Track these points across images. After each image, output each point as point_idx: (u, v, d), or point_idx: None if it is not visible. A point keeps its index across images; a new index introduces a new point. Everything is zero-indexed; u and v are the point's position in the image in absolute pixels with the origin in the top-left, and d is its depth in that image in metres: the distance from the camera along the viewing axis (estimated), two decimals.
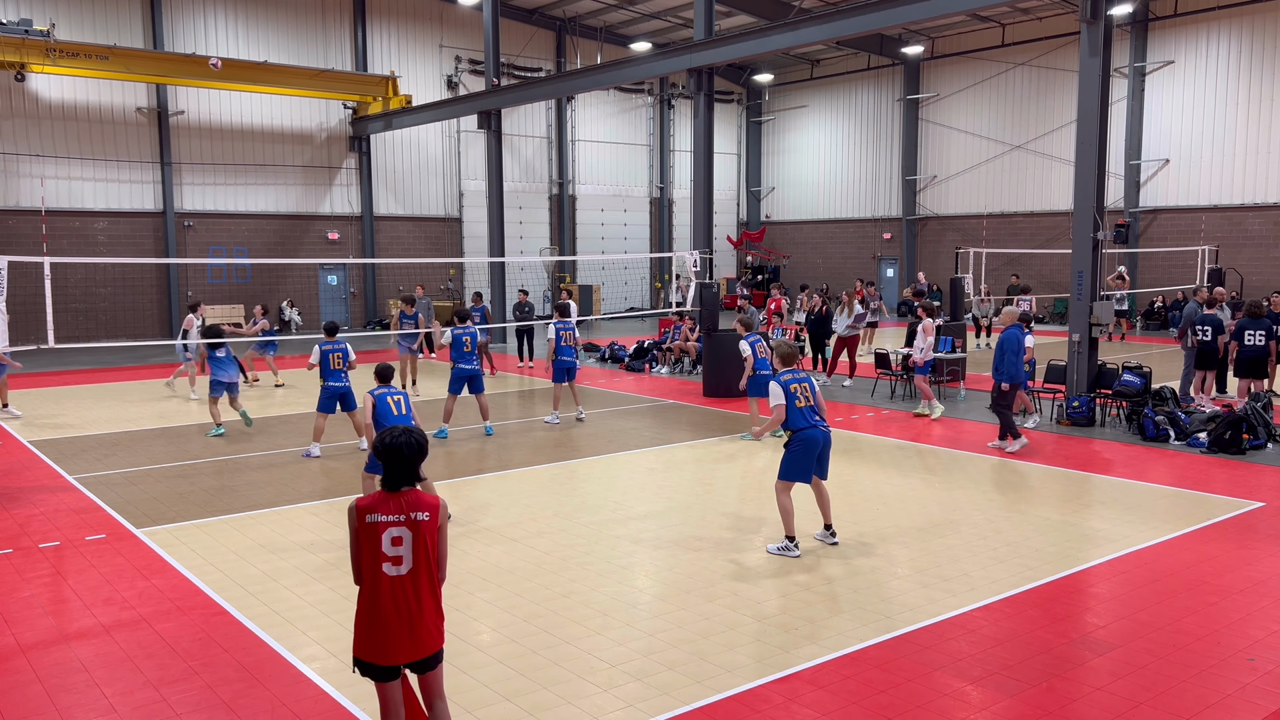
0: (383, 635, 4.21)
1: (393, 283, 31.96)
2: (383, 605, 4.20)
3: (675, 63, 21.37)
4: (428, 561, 4.25)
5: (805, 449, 7.97)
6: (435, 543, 4.29)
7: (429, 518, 4.25)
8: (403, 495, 4.25)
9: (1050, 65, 32.13)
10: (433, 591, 4.29)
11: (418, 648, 4.25)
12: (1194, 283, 26.40)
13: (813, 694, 5.52)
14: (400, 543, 4.20)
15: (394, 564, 4.20)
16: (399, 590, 4.20)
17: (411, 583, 4.22)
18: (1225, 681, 5.67)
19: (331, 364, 11.91)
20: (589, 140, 36.72)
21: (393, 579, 4.20)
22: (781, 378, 8.08)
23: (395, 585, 4.20)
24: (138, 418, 14.83)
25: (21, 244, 24.61)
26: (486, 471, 11.22)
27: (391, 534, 4.19)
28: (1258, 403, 12.78)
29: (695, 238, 20.74)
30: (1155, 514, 9.21)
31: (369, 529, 4.20)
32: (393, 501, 4.23)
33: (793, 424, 7.97)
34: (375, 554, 4.20)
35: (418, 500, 4.26)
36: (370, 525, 4.20)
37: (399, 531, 4.19)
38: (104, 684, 5.71)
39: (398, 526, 4.20)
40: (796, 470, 8.01)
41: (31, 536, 8.69)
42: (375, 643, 4.22)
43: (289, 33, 29.31)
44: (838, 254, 39.29)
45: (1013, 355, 11.87)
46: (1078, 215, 14.57)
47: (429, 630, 4.27)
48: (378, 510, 4.21)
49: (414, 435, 4.29)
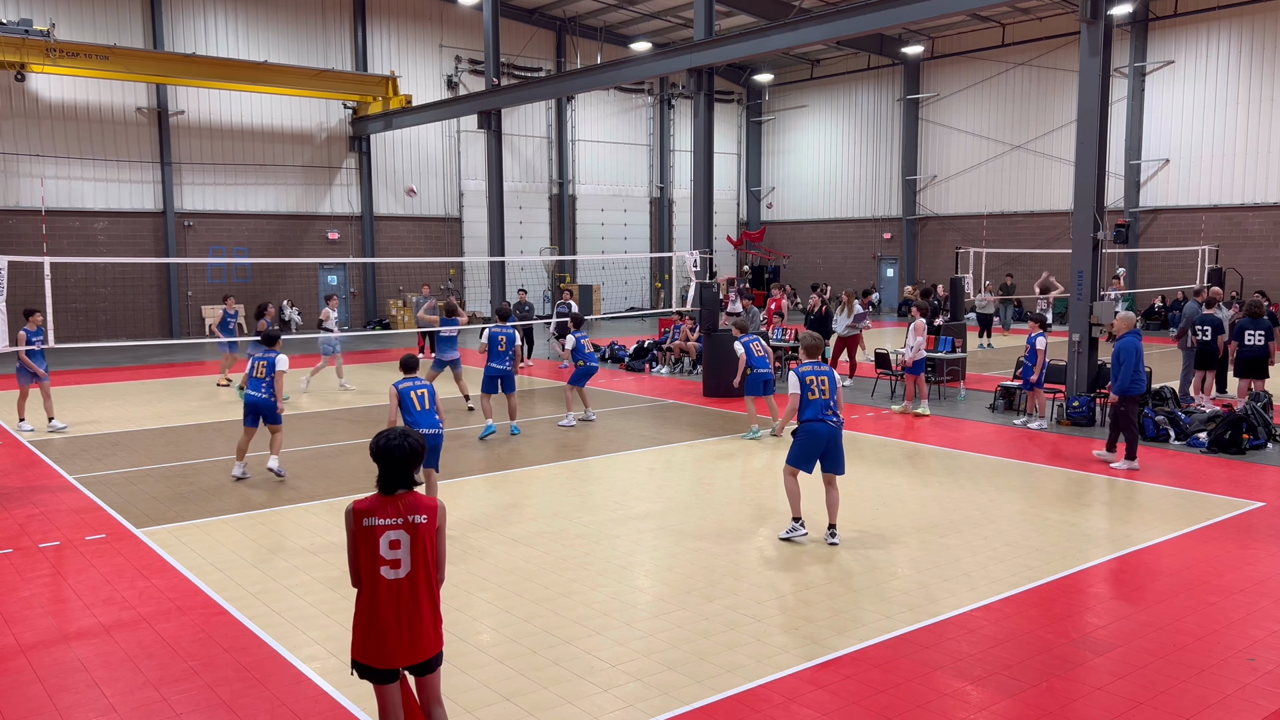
0: (381, 638, 4.18)
1: (392, 283, 31.98)
2: (381, 609, 4.17)
3: (675, 63, 21.37)
4: (426, 564, 4.22)
5: (811, 440, 8.25)
6: (434, 545, 4.26)
7: (427, 520, 4.21)
8: (400, 498, 4.21)
9: (1050, 65, 32.13)
10: (431, 595, 4.26)
11: (416, 651, 4.22)
12: (1194, 283, 26.39)
13: (813, 694, 5.52)
14: (398, 546, 4.16)
15: (392, 567, 4.17)
16: (397, 594, 4.17)
17: (410, 586, 4.19)
18: (1225, 681, 5.67)
19: (255, 372, 10.60)
20: (589, 140, 36.71)
21: (391, 582, 4.17)
22: (801, 369, 8.32)
23: (393, 589, 4.17)
24: (138, 418, 14.82)
25: (21, 244, 24.61)
26: (486, 471, 11.22)
27: (389, 537, 4.15)
28: (1258, 403, 12.79)
29: (695, 238, 20.74)
30: (1155, 514, 9.21)
31: (366, 532, 4.17)
32: (390, 505, 4.19)
33: (802, 415, 8.25)
34: (373, 557, 4.17)
35: (416, 503, 4.22)
36: (368, 529, 4.16)
37: (397, 535, 4.16)
38: (104, 684, 5.71)
39: (395, 530, 4.16)
40: (801, 458, 8.31)
41: (31, 536, 8.69)
42: (374, 646, 4.19)
43: (289, 33, 29.30)
44: (838, 254, 39.29)
45: (1130, 365, 10.98)
46: (1078, 215, 14.57)
47: (428, 633, 4.24)
48: (375, 513, 4.17)
49: (410, 438, 4.23)
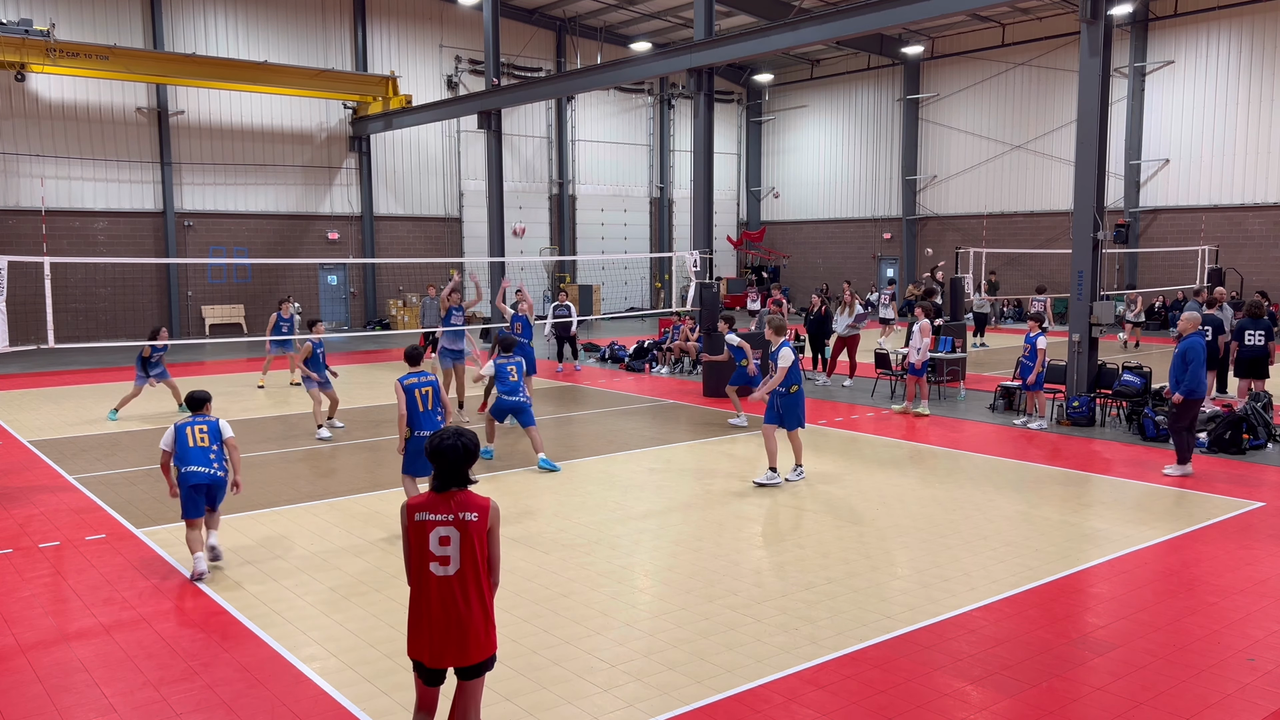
0: (429, 636, 4.19)
1: (392, 283, 31.98)
2: (430, 606, 4.18)
3: (675, 63, 21.38)
4: (476, 563, 4.22)
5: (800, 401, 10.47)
6: (484, 544, 4.25)
7: (478, 519, 4.22)
8: (453, 495, 4.24)
9: (1050, 65, 32.13)
10: (481, 595, 4.23)
11: (465, 652, 4.21)
12: (1194, 283, 26.39)
13: (813, 694, 5.52)
14: (448, 543, 4.18)
15: (441, 564, 4.19)
16: (446, 591, 4.19)
17: (459, 584, 4.19)
18: (1225, 681, 5.67)
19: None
20: (589, 140, 36.70)
21: (440, 579, 4.19)
22: (790, 344, 10.47)
23: (442, 585, 4.19)
24: (138, 418, 14.82)
25: (21, 244, 24.61)
26: (486, 472, 11.20)
27: (439, 534, 4.18)
28: (1258, 403, 12.78)
29: (695, 238, 20.75)
30: (1155, 514, 9.21)
31: (418, 527, 4.20)
32: (442, 502, 4.23)
33: (798, 380, 10.40)
34: (423, 553, 4.20)
35: (467, 501, 4.24)
36: (419, 524, 4.20)
37: (446, 531, 4.19)
38: (104, 684, 5.72)
39: (445, 526, 4.19)
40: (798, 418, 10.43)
41: (31, 536, 8.69)
42: (423, 643, 4.22)
43: (289, 33, 29.30)
44: (838, 254, 39.27)
45: (1196, 366, 10.60)
46: (1078, 215, 14.58)
47: (477, 634, 4.22)
48: (426, 509, 4.21)
49: (464, 438, 4.25)
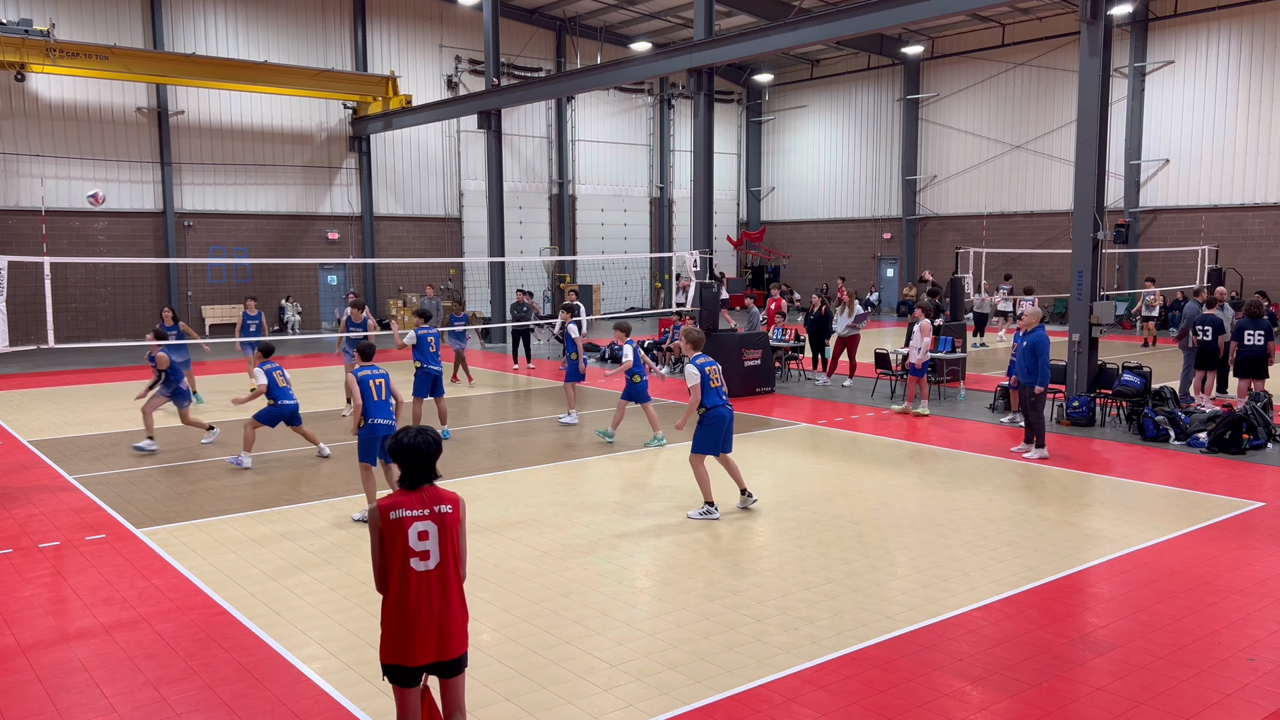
0: (411, 634, 4.18)
1: (393, 283, 31.97)
2: (411, 603, 4.18)
3: (675, 63, 21.37)
4: (454, 556, 4.26)
5: (716, 424, 9.05)
6: (458, 537, 4.30)
7: (452, 510, 4.27)
8: (424, 491, 4.27)
9: (1050, 65, 32.13)
10: (460, 588, 4.29)
11: (446, 646, 4.23)
12: (1194, 283, 26.39)
13: (813, 694, 5.52)
14: (427, 537, 4.20)
15: (422, 559, 4.20)
16: (427, 586, 4.20)
17: (439, 578, 4.22)
18: (1225, 681, 5.67)
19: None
20: (589, 140, 36.71)
21: (421, 575, 4.20)
22: (697, 361, 9.09)
23: (423, 581, 4.20)
24: (138, 418, 14.78)
25: (21, 244, 24.61)
26: (486, 472, 11.22)
27: (418, 528, 4.19)
28: (1258, 403, 12.79)
29: (695, 238, 20.75)
30: (1155, 514, 9.21)
31: (394, 525, 4.19)
32: (415, 498, 4.25)
33: (709, 402, 9.03)
34: (403, 551, 4.19)
35: (438, 495, 4.29)
36: (395, 521, 4.19)
37: (425, 525, 4.20)
38: (104, 684, 5.71)
39: (423, 520, 4.20)
40: (709, 444, 9.10)
41: (31, 536, 8.69)
42: (403, 643, 4.19)
43: (289, 33, 29.30)
44: (838, 254, 39.28)
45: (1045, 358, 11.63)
46: (1078, 215, 14.58)
47: (457, 628, 4.26)
48: (402, 506, 4.22)
49: (428, 434, 4.31)
